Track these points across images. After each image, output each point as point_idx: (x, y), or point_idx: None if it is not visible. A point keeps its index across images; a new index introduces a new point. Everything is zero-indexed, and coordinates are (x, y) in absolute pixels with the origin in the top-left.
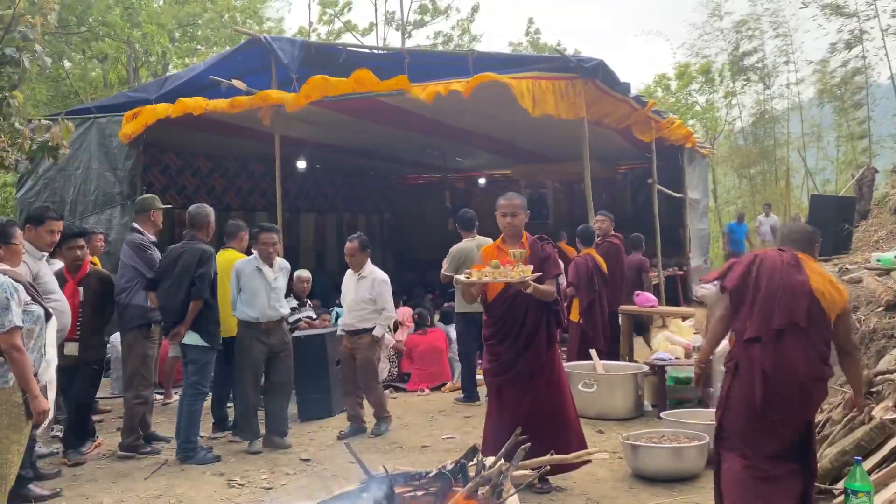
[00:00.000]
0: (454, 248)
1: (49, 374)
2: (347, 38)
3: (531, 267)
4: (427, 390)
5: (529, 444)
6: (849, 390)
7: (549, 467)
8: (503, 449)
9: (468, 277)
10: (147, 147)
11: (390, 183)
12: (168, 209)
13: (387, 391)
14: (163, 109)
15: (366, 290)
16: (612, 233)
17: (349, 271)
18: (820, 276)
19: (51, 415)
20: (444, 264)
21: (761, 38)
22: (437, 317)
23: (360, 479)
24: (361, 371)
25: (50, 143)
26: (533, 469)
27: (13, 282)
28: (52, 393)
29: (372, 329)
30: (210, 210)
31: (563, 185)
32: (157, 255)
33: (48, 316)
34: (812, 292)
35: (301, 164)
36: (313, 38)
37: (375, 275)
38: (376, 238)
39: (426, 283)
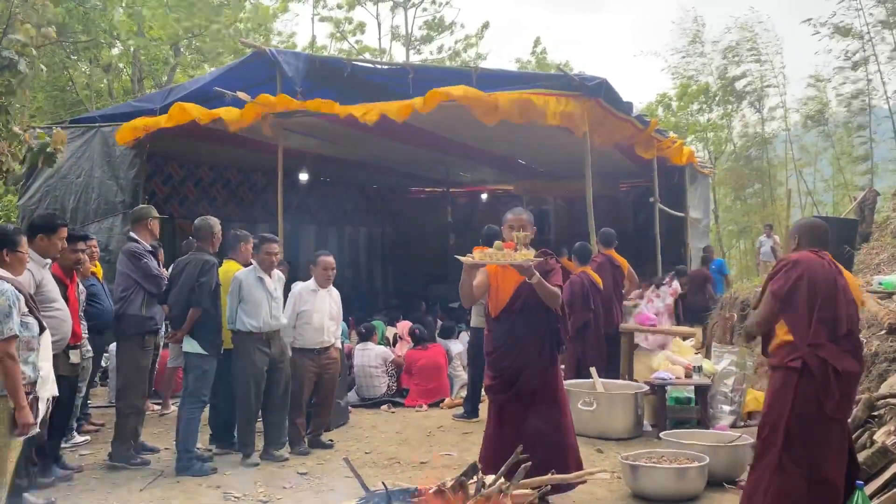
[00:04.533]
0: None
1: (45, 390)
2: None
3: (533, 252)
4: (425, 406)
5: (530, 462)
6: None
7: (549, 487)
8: (503, 467)
9: (472, 258)
10: (150, 156)
11: (392, 196)
12: (169, 219)
13: (385, 406)
14: (164, 119)
15: (335, 305)
16: (603, 251)
17: (310, 287)
18: (850, 279)
19: (37, 428)
20: None
21: (753, 62)
22: (437, 332)
23: (357, 495)
24: (332, 385)
25: (49, 149)
26: (533, 488)
27: (16, 291)
28: (43, 406)
29: (334, 344)
30: (214, 221)
31: (565, 201)
32: (152, 262)
33: (42, 329)
34: (854, 299)
35: (303, 176)
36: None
37: (335, 289)
38: (377, 251)
39: (427, 298)
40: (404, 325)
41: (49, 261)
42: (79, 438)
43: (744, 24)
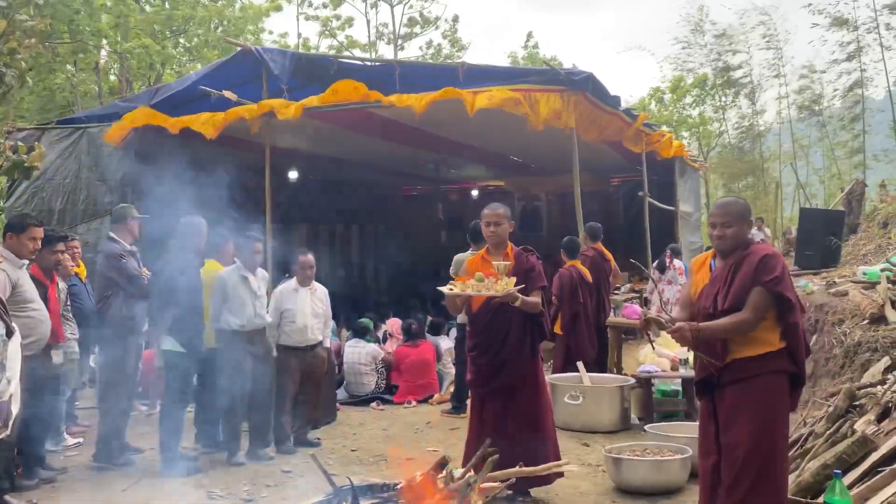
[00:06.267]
0: (455, 257)
1: (9, 391)
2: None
3: (514, 279)
4: (415, 402)
5: (499, 455)
6: (832, 403)
7: (514, 480)
8: (473, 459)
9: (452, 289)
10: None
11: (383, 194)
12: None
13: (374, 403)
14: (150, 116)
15: (318, 304)
16: (591, 245)
17: (291, 286)
18: None
19: (7, 431)
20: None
21: (748, 52)
22: (426, 328)
23: (325, 492)
24: (318, 383)
25: (26, 164)
26: (502, 481)
27: None
28: (15, 407)
29: (321, 342)
30: (201, 222)
31: (556, 197)
32: (131, 262)
33: (10, 333)
34: None
35: (293, 175)
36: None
37: (321, 287)
38: (370, 249)
39: (419, 295)
40: (394, 323)
41: (26, 261)
42: (70, 441)
43: (745, 10)
